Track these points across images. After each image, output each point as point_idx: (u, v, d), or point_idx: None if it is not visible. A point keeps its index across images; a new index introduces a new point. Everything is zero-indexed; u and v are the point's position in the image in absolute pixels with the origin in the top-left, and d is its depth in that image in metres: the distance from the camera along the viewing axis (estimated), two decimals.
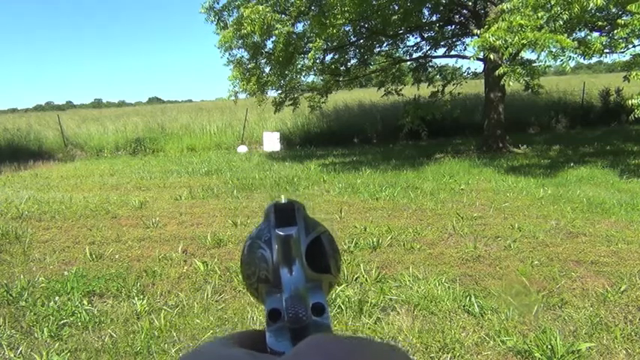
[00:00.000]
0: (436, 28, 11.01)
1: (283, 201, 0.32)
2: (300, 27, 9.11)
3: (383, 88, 11.60)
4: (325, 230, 0.33)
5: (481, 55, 7.27)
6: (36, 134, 14.68)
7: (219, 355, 0.25)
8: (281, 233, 0.29)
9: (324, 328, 0.28)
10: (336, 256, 0.34)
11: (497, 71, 7.23)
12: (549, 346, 2.37)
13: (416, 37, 11.14)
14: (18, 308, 3.14)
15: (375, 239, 4.19)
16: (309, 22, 8.72)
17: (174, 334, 2.73)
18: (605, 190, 5.92)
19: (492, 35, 6.46)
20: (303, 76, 10.69)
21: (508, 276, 3.38)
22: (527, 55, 7.05)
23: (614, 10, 7.74)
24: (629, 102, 6.50)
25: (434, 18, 10.74)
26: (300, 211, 0.32)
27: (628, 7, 6.14)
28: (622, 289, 3.03)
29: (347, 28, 9.57)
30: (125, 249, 4.39)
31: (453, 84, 10.81)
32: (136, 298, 3.19)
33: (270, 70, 9.87)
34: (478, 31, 7.20)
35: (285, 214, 0.31)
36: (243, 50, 9.72)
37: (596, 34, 7.59)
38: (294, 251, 0.29)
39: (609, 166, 7.33)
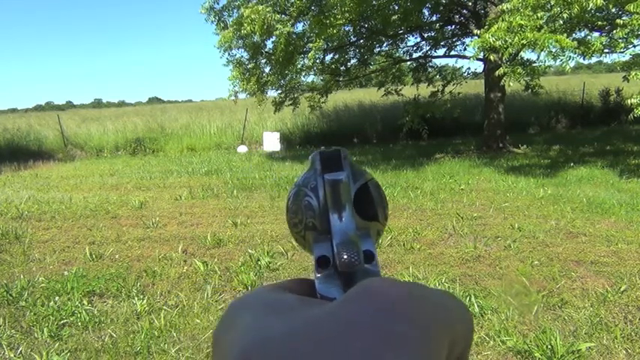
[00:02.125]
0: (436, 28, 11.01)
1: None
2: (300, 27, 9.13)
3: (383, 88, 11.60)
4: (372, 177, 0.32)
5: (481, 56, 7.27)
6: (36, 134, 14.68)
7: (269, 298, 0.25)
8: (330, 178, 0.28)
9: (375, 276, 0.27)
10: (384, 204, 0.33)
11: (497, 71, 7.23)
12: (549, 346, 2.37)
13: (416, 37, 11.15)
14: (18, 308, 3.15)
15: None
16: (309, 22, 8.72)
17: (174, 334, 2.73)
18: (605, 190, 5.92)
19: (492, 35, 6.46)
20: (303, 76, 10.71)
21: (508, 276, 3.38)
22: (527, 55, 7.06)
23: (613, 10, 7.74)
24: (629, 101, 6.50)
25: (434, 18, 10.74)
26: (346, 158, 0.31)
27: (627, 7, 6.14)
28: (622, 289, 3.03)
29: (347, 28, 9.57)
30: (125, 249, 4.39)
31: (453, 84, 10.81)
32: (136, 298, 3.19)
33: (270, 70, 9.87)
34: (478, 32, 7.20)
35: (332, 160, 0.31)
36: (242, 50, 9.73)
37: (596, 34, 7.59)
38: (344, 197, 0.28)
39: (609, 166, 7.33)
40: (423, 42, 11.19)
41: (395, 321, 0.20)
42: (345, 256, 0.27)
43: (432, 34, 11.09)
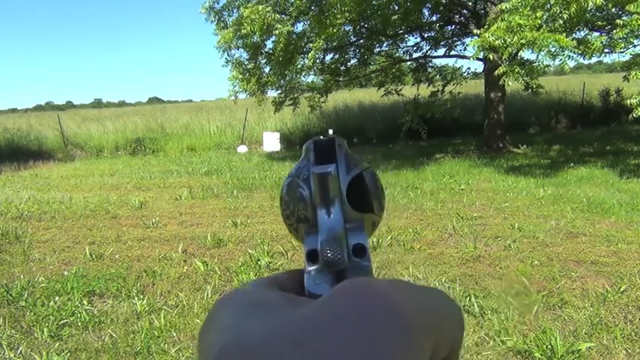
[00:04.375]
0: (436, 28, 11.01)
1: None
2: (300, 27, 9.12)
3: (383, 88, 11.60)
4: (368, 167, 0.31)
5: (481, 55, 7.26)
6: (36, 134, 14.68)
7: (253, 297, 0.25)
8: (317, 171, 0.27)
9: (364, 271, 0.27)
10: (380, 195, 0.32)
11: (496, 71, 7.23)
12: (549, 346, 2.37)
13: (416, 37, 11.14)
14: (18, 308, 3.14)
15: (375, 239, 4.18)
16: (309, 22, 8.72)
17: (174, 334, 2.73)
18: (605, 190, 5.92)
19: (492, 35, 6.46)
20: (303, 76, 10.70)
21: (508, 276, 3.38)
22: (526, 54, 7.06)
23: (613, 10, 7.74)
24: (628, 102, 6.50)
25: (434, 18, 10.74)
26: (341, 148, 0.30)
27: (627, 7, 6.14)
28: (622, 289, 3.03)
29: (347, 28, 9.57)
30: (125, 249, 4.39)
31: (453, 84, 10.81)
32: (136, 298, 3.19)
33: (270, 70, 9.87)
34: (478, 31, 7.20)
35: (326, 150, 0.30)
36: (242, 50, 9.72)
37: (596, 34, 7.59)
38: (332, 190, 0.27)
39: (609, 166, 7.33)
40: (423, 42, 11.19)
41: (375, 325, 0.20)
42: (329, 254, 0.26)
43: (432, 34, 11.08)
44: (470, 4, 10.12)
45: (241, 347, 0.20)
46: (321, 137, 0.31)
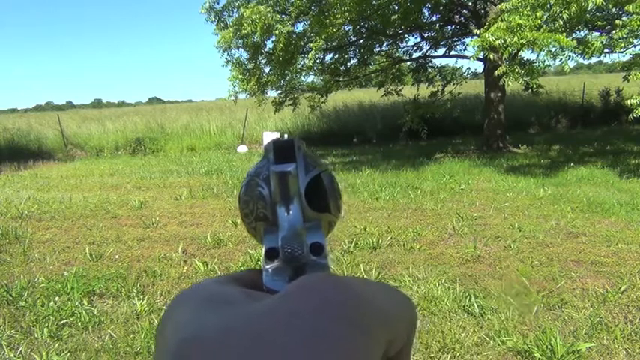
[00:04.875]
0: (436, 28, 11.01)
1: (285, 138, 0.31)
2: (300, 27, 9.12)
3: (383, 88, 11.60)
4: (327, 168, 0.32)
5: (481, 55, 7.27)
6: (36, 134, 14.67)
7: (212, 291, 0.25)
8: (277, 170, 0.28)
9: (322, 268, 0.27)
10: (337, 196, 0.32)
11: (496, 71, 7.24)
12: (549, 346, 2.37)
13: (416, 37, 11.14)
14: (18, 308, 3.14)
15: (374, 239, 4.19)
16: (309, 22, 8.72)
17: None
18: (605, 190, 5.92)
19: (492, 35, 6.46)
20: (303, 76, 10.70)
21: (508, 276, 3.38)
22: (526, 55, 7.07)
23: (613, 11, 7.74)
24: (628, 102, 6.50)
25: (434, 18, 10.74)
26: (300, 149, 0.30)
27: (626, 8, 6.14)
28: (622, 289, 3.03)
29: (347, 28, 9.57)
30: (125, 249, 4.39)
31: (453, 84, 10.81)
32: (136, 298, 3.19)
33: (270, 70, 9.87)
34: (478, 31, 7.20)
35: (285, 151, 0.30)
36: (242, 50, 9.73)
37: (596, 34, 7.59)
38: (292, 189, 0.28)
39: (609, 166, 7.33)
40: (423, 42, 11.19)
41: (329, 320, 0.20)
42: (289, 249, 0.27)
43: (432, 34, 11.09)
44: (470, 4, 10.11)
45: (199, 341, 0.20)
46: (280, 139, 0.31)
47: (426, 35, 11.05)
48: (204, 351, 0.20)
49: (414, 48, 11.30)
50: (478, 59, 8.08)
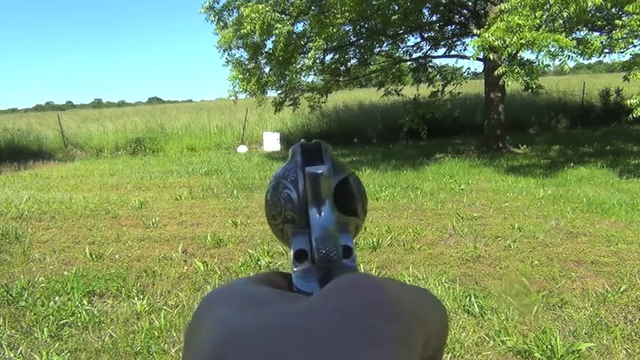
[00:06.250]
0: (436, 28, 11.01)
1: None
2: (300, 27, 9.12)
3: (383, 88, 11.60)
4: (353, 172, 0.32)
5: (481, 55, 7.26)
6: (36, 134, 14.68)
7: (246, 291, 0.25)
8: (311, 171, 0.28)
9: (352, 271, 0.27)
10: (363, 199, 0.33)
11: (496, 71, 7.24)
12: (549, 346, 2.37)
13: (416, 37, 11.14)
14: (18, 308, 3.14)
15: (375, 239, 4.19)
16: (309, 21, 8.72)
17: (174, 334, 2.73)
18: (605, 190, 5.92)
19: (491, 35, 6.46)
20: (303, 76, 10.69)
21: (508, 276, 3.38)
22: (526, 55, 7.06)
23: (613, 10, 7.73)
24: (628, 102, 6.50)
25: (434, 18, 10.74)
26: (327, 152, 0.31)
27: (626, 8, 6.14)
28: (622, 289, 3.03)
29: (347, 28, 9.56)
30: (125, 249, 4.39)
31: (453, 84, 10.81)
32: (136, 298, 3.19)
33: (270, 70, 9.87)
34: (478, 31, 7.20)
35: (313, 153, 0.30)
36: (242, 50, 9.73)
37: (595, 34, 7.59)
38: (324, 190, 0.28)
39: (609, 166, 7.33)
40: (423, 42, 11.19)
41: (374, 316, 0.20)
42: (324, 251, 0.27)
43: (432, 34, 11.09)
44: (470, 4, 10.11)
45: (240, 341, 0.20)
46: (307, 142, 0.31)
47: (426, 35, 11.05)
48: (246, 351, 0.19)
49: (414, 48, 11.30)
50: (478, 59, 8.08)
